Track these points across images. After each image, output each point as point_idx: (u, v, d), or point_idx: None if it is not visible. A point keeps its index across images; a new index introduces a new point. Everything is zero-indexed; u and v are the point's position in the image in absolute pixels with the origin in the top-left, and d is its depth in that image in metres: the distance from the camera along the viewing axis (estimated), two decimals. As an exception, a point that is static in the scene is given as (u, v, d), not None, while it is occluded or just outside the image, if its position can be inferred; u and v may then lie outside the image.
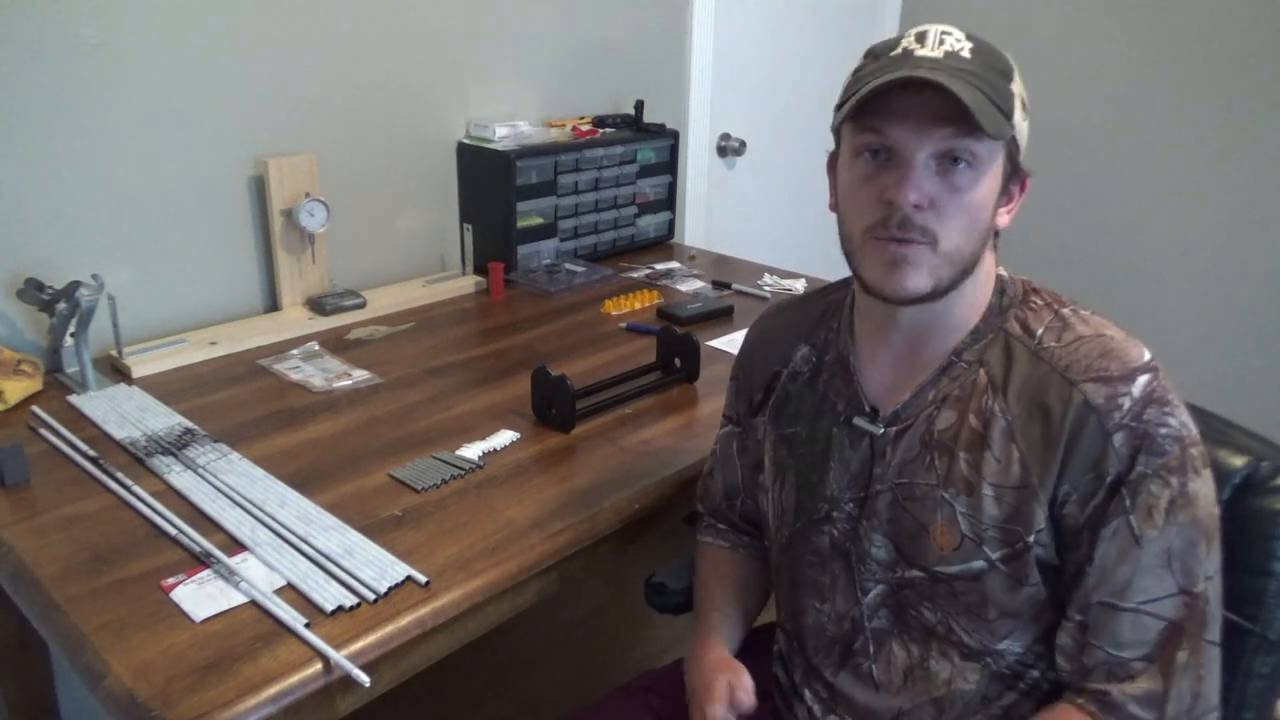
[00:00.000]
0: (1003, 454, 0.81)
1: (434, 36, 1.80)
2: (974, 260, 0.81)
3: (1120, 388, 0.77)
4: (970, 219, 0.78)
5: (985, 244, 0.81)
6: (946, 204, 0.77)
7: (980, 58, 0.77)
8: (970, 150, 0.76)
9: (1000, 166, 0.80)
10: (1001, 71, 0.78)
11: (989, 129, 0.73)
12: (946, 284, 0.80)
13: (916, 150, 0.76)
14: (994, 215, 0.81)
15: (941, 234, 0.77)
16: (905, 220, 0.77)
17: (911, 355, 0.87)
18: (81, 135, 1.39)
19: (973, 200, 0.78)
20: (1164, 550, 0.76)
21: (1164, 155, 2.53)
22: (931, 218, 0.77)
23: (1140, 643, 0.77)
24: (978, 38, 0.79)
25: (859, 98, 0.76)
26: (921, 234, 0.77)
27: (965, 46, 0.78)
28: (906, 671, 0.89)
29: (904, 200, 0.76)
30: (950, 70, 0.75)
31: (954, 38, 0.78)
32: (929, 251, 0.78)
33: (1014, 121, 0.78)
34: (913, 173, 0.76)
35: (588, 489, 1.12)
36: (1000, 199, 0.81)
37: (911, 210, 0.77)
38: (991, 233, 0.82)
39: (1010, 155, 0.80)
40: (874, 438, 0.88)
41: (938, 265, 0.78)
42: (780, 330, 1.01)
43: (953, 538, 0.83)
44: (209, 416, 1.27)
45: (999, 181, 0.80)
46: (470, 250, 1.88)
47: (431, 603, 0.90)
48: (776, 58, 2.60)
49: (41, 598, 0.90)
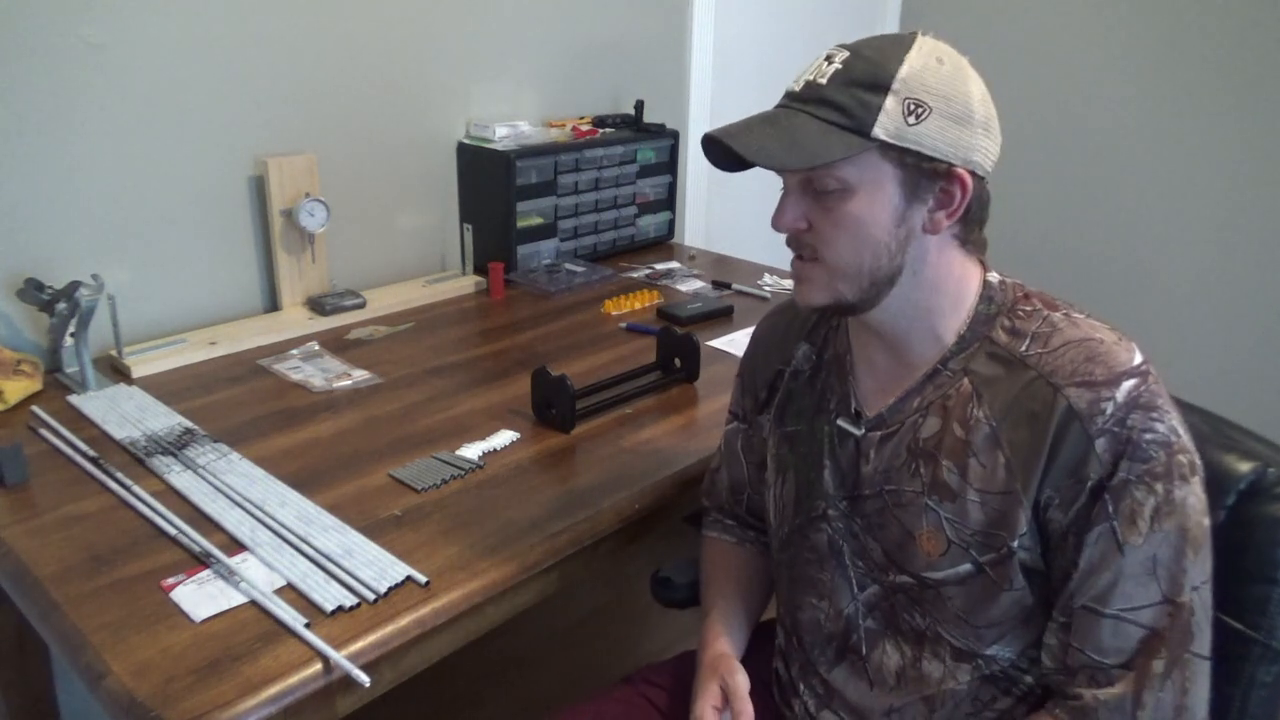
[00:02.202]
0: (988, 460, 0.81)
1: (434, 36, 1.80)
2: (882, 271, 0.81)
3: (1104, 392, 0.76)
4: (849, 234, 0.80)
5: (890, 254, 0.80)
6: (821, 224, 0.81)
7: (842, 77, 0.78)
8: (828, 174, 0.79)
9: (887, 176, 0.78)
10: (868, 85, 0.77)
11: (778, 163, 0.78)
12: (853, 297, 0.82)
13: (789, 179, 0.82)
14: (898, 224, 0.80)
15: (824, 252, 0.82)
16: (791, 240, 0.84)
17: (895, 361, 0.88)
18: (81, 135, 1.39)
19: (846, 218, 0.80)
20: (1149, 558, 0.76)
21: (1164, 155, 2.53)
22: (812, 237, 0.82)
23: (1119, 649, 0.77)
24: (865, 49, 0.79)
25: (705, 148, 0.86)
26: (808, 251, 0.83)
27: (831, 70, 0.79)
28: (899, 671, 0.90)
29: (778, 226, 0.84)
30: (794, 105, 0.80)
31: (829, 61, 0.80)
32: (818, 268, 0.83)
33: (875, 132, 0.76)
34: (784, 201, 0.83)
35: (588, 489, 1.12)
36: (912, 205, 0.79)
37: (791, 232, 0.83)
38: (902, 241, 0.80)
39: (903, 162, 0.78)
40: (857, 440, 0.89)
41: (830, 280, 0.82)
42: (783, 329, 1.02)
43: (939, 544, 0.83)
44: (209, 416, 1.26)
45: (889, 191, 0.78)
46: (470, 250, 1.88)
47: (431, 603, 0.90)
48: (776, 58, 2.60)
49: (41, 598, 0.90)
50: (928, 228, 0.80)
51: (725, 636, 0.99)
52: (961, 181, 0.79)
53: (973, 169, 0.79)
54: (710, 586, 1.07)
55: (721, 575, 1.07)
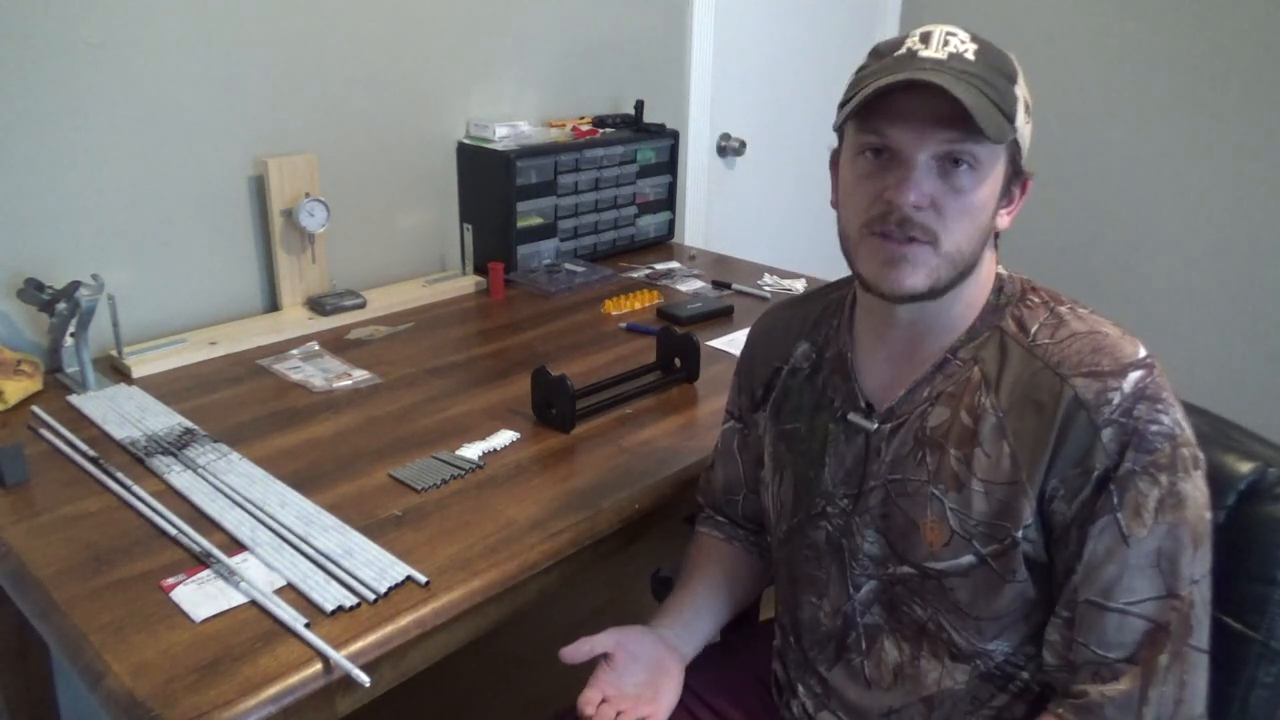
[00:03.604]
0: (993, 450, 0.81)
1: (434, 36, 1.79)
2: (974, 261, 0.81)
3: (1111, 383, 0.77)
4: (971, 220, 0.79)
5: (985, 245, 0.82)
6: (948, 205, 0.77)
7: (984, 59, 0.77)
8: (971, 153, 0.76)
9: (1002, 169, 0.80)
10: (1006, 74, 0.78)
11: (990, 132, 0.73)
12: (945, 284, 0.80)
13: (918, 152, 0.77)
14: (994, 216, 0.82)
15: (943, 234, 0.78)
16: (905, 219, 0.77)
17: (909, 353, 0.87)
18: (81, 135, 1.39)
19: (973, 202, 0.78)
20: (1153, 550, 0.76)
21: (1165, 155, 2.53)
22: (932, 218, 0.78)
23: (1123, 644, 0.77)
24: (983, 39, 0.79)
25: (861, 98, 0.76)
26: (923, 233, 0.78)
27: (970, 48, 0.78)
28: (897, 670, 0.90)
29: (904, 201, 0.77)
30: (953, 72, 0.75)
31: (959, 39, 0.78)
32: (930, 251, 0.78)
33: (1016, 124, 0.78)
34: (913, 174, 0.77)
35: (588, 489, 1.12)
36: (1001, 200, 0.82)
37: (911, 210, 0.77)
38: (991, 233, 0.82)
39: (1012, 158, 0.80)
40: (869, 434, 0.89)
41: (938, 265, 0.79)
42: (781, 327, 1.02)
43: (942, 533, 0.83)
44: (209, 416, 1.26)
45: (1000, 183, 0.80)
46: (470, 250, 1.88)
47: (431, 603, 0.90)
48: (776, 58, 2.60)
49: (41, 598, 0.90)
50: (997, 224, 0.83)
51: (668, 618, 1.00)
52: (1026, 183, 0.83)
53: None
54: (684, 572, 1.07)
55: (702, 565, 1.07)
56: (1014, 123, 0.77)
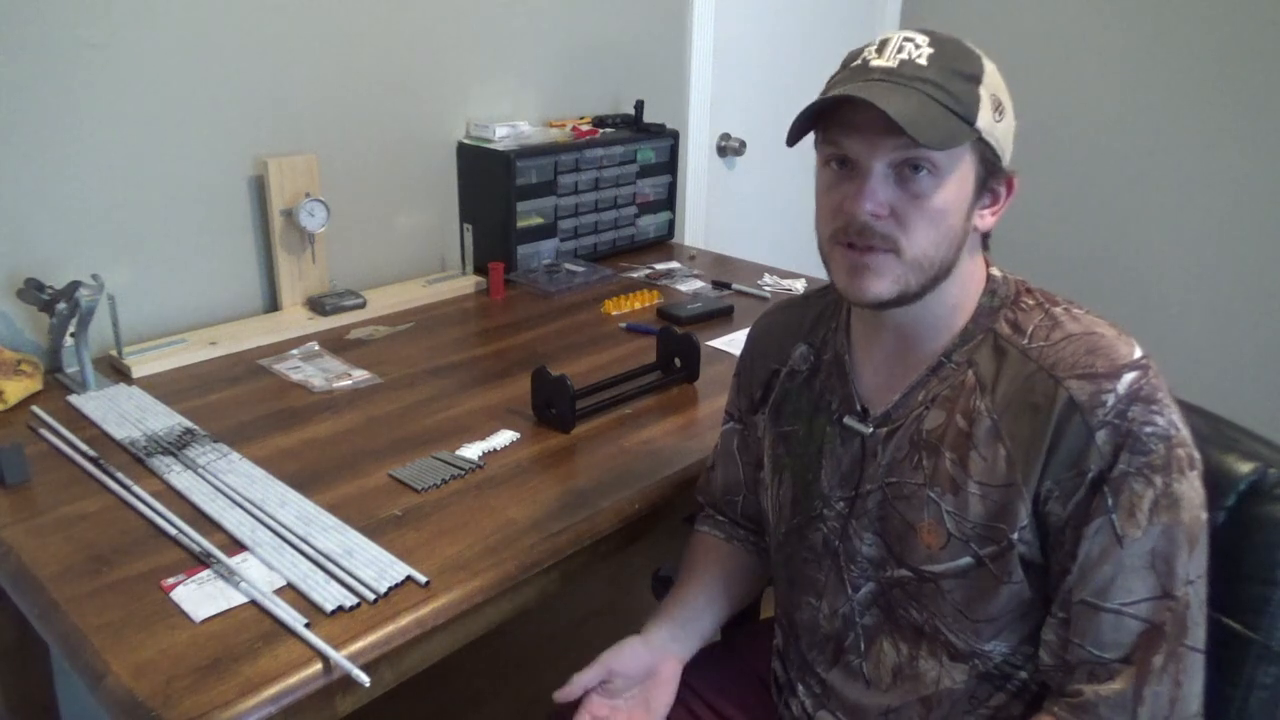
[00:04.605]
0: (989, 452, 0.81)
1: (434, 36, 1.80)
2: (946, 264, 0.81)
3: (1105, 384, 0.77)
4: (933, 225, 0.78)
5: (957, 247, 0.81)
6: (907, 211, 0.78)
7: (940, 63, 0.77)
8: (929, 158, 0.77)
9: (970, 170, 0.79)
10: (966, 75, 0.78)
11: (925, 139, 0.73)
12: (916, 289, 0.81)
13: (872, 161, 0.77)
14: (967, 218, 0.81)
15: (904, 241, 0.78)
16: (864, 228, 0.78)
17: (902, 355, 0.88)
18: (81, 135, 1.39)
19: (935, 206, 0.78)
20: (1147, 551, 0.76)
21: (1164, 155, 2.53)
22: (891, 225, 0.78)
23: (1119, 644, 0.77)
24: (946, 40, 0.79)
25: (803, 114, 0.78)
26: (883, 241, 0.78)
27: (925, 53, 0.77)
28: (895, 670, 0.90)
29: (859, 211, 0.78)
30: (902, 80, 0.76)
31: (914, 44, 0.78)
32: (892, 259, 0.79)
33: (978, 124, 0.77)
34: (867, 184, 0.78)
35: (588, 489, 1.12)
36: (978, 201, 0.81)
37: (870, 219, 0.78)
38: (965, 235, 0.81)
39: (983, 157, 0.80)
40: (865, 438, 0.89)
41: (903, 273, 0.79)
42: (779, 329, 1.02)
43: (939, 536, 0.84)
44: (209, 416, 1.27)
45: (970, 185, 0.80)
46: (470, 250, 1.88)
47: (431, 603, 0.90)
48: (776, 58, 2.60)
49: (41, 598, 0.90)
50: (978, 224, 0.82)
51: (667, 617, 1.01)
52: (1009, 182, 0.83)
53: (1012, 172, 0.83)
54: (684, 571, 1.07)
55: (701, 564, 1.07)
56: (974, 123, 0.77)
